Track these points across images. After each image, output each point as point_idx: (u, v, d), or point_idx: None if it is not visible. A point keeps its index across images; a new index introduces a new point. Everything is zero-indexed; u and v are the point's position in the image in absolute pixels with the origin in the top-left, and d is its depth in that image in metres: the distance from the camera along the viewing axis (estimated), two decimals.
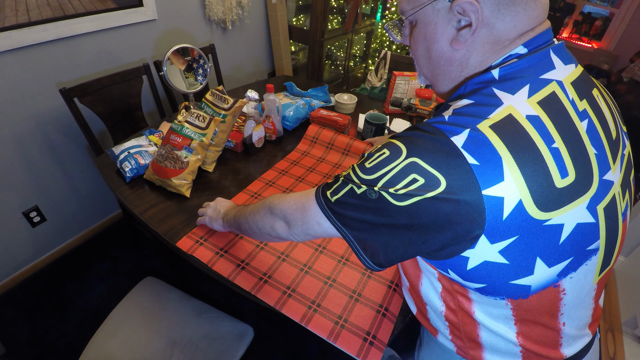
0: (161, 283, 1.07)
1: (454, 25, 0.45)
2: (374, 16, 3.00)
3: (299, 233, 0.58)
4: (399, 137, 0.44)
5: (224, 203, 0.86)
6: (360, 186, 0.45)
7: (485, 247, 0.41)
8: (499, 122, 0.40)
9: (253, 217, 0.67)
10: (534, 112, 0.41)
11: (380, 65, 1.93)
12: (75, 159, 1.55)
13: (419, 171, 0.40)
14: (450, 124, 0.41)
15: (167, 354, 0.89)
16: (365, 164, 0.45)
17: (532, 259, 0.41)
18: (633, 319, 1.47)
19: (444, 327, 0.58)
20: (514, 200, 0.38)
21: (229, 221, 0.77)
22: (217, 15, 1.88)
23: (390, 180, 0.42)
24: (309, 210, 0.53)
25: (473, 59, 0.46)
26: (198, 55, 1.30)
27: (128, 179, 1.01)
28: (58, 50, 1.33)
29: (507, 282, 0.44)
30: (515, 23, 0.43)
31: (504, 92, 0.42)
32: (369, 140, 1.17)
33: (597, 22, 3.58)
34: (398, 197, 0.41)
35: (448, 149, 0.39)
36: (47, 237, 1.59)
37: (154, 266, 1.65)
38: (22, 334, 1.35)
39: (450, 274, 0.48)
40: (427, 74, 0.53)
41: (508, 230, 0.39)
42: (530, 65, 0.43)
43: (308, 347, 1.36)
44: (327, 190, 0.50)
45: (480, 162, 0.38)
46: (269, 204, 0.63)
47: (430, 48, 0.48)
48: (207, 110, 1.09)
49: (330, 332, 0.68)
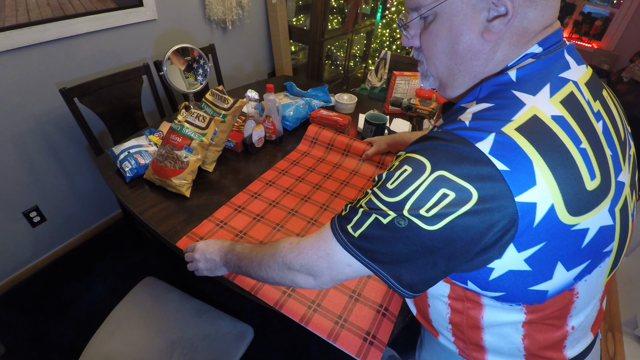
0: (161, 283, 1.07)
1: (485, 15, 0.42)
2: (374, 16, 3.00)
3: (327, 282, 0.52)
4: (418, 151, 0.41)
5: (210, 249, 0.72)
6: (386, 214, 0.41)
7: (512, 256, 0.39)
8: (525, 124, 0.37)
9: (266, 271, 0.59)
10: (558, 112, 0.39)
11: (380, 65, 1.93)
12: (75, 159, 1.55)
13: (448, 185, 0.37)
14: (472, 130, 0.39)
15: (167, 354, 0.89)
16: (387, 186, 0.42)
17: (553, 265, 0.40)
18: (633, 319, 1.47)
19: (446, 329, 0.57)
20: (547, 205, 0.36)
21: (234, 269, 0.69)
22: (217, 15, 1.88)
23: (418, 199, 0.39)
24: (334, 255, 0.48)
25: (499, 53, 0.43)
26: (198, 56, 1.30)
27: (128, 179, 1.01)
28: (58, 50, 1.33)
29: (526, 288, 0.42)
30: (543, 13, 0.41)
31: (524, 94, 0.40)
32: (369, 140, 1.17)
33: (597, 22, 3.58)
34: (429, 220, 0.38)
35: (475, 157, 0.37)
36: (47, 237, 1.59)
37: (154, 266, 1.65)
38: (22, 334, 1.35)
39: (468, 285, 0.46)
40: (444, 73, 0.48)
41: (537, 237, 0.38)
42: (548, 65, 0.42)
43: (308, 347, 1.35)
44: (346, 224, 0.46)
45: (510, 168, 0.36)
46: (282, 259, 0.56)
47: (457, 41, 0.44)
48: (207, 110, 1.09)
49: (330, 332, 0.68)
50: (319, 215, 0.95)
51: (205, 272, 0.74)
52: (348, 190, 1.05)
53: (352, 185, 1.07)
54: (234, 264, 0.67)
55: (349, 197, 1.02)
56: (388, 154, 1.15)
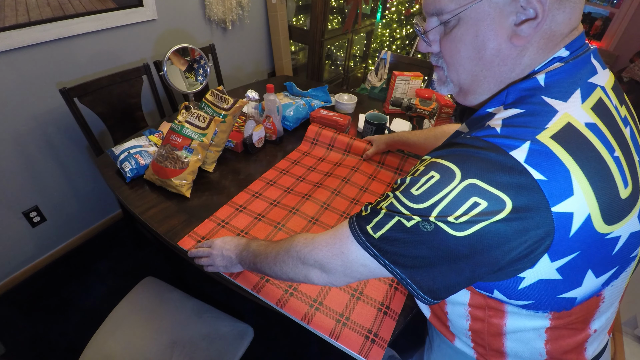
0: (161, 283, 1.07)
1: (513, 19, 0.40)
2: (374, 16, 3.01)
3: (339, 279, 0.52)
4: (445, 157, 0.40)
5: (227, 246, 0.74)
6: (410, 217, 0.40)
7: (544, 265, 0.38)
8: (560, 132, 0.36)
9: (280, 267, 0.59)
10: (591, 119, 0.38)
11: (380, 65, 1.93)
12: (75, 159, 1.55)
13: (480, 193, 0.36)
14: (505, 137, 0.37)
15: (167, 354, 0.89)
16: (412, 191, 0.40)
17: (584, 272, 0.40)
18: (633, 319, 1.47)
19: (465, 335, 0.55)
20: (583, 215, 0.36)
21: (249, 266, 0.70)
22: (217, 15, 1.88)
23: (447, 207, 0.37)
24: (350, 254, 0.47)
25: (527, 57, 0.42)
26: (199, 56, 1.30)
27: (128, 179, 1.01)
28: (58, 50, 1.33)
29: (555, 296, 0.41)
30: (571, 16, 0.40)
31: (555, 100, 0.39)
32: (369, 139, 1.17)
33: (597, 22, 3.58)
34: (458, 226, 0.37)
35: (510, 165, 0.35)
36: (47, 237, 1.59)
37: (154, 266, 1.65)
38: (22, 334, 1.35)
39: (494, 294, 0.45)
40: (466, 79, 0.47)
41: (572, 247, 0.37)
42: (576, 70, 0.41)
43: (308, 347, 1.35)
44: (365, 224, 0.45)
45: (547, 177, 0.35)
46: (297, 253, 0.56)
47: (484, 47, 0.43)
48: (207, 111, 1.09)
49: (332, 330, 0.68)
50: (320, 214, 0.95)
51: (221, 268, 0.75)
52: (348, 189, 1.05)
53: (352, 183, 1.07)
54: (249, 260, 0.68)
55: (349, 195, 1.02)
56: (388, 153, 1.15)
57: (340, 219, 0.94)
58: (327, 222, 0.93)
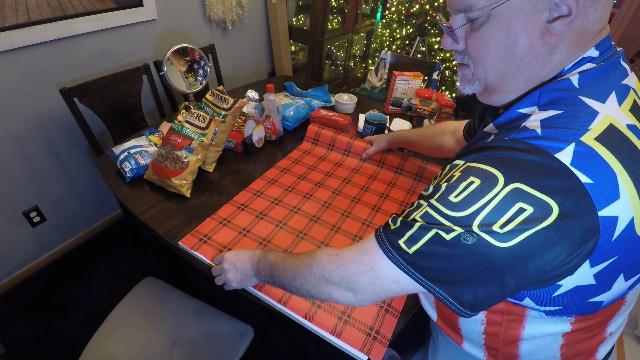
0: (161, 283, 1.07)
1: (545, 16, 0.39)
2: (374, 16, 3.01)
3: (369, 298, 0.48)
4: (483, 161, 0.38)
5: (240, 258, 0.68)
6: (450, 229, 0.37)
7: (584, 271, 0.37)
8: (604, 134, 0.35)
9: (301, 283, 0.55)
10: (631, 121, 0.38)
11: (380, 65, 1.93)
12: (75, 159, 1.55)
13: (525, 199, 0.34)
14: (547, 139, 0.36)
15: (167, 354, 0.89)
16: (450, 198, 0.38)
17: (617, 276, 0.39)
18: (633, 319, 1.47)
19: (478, 338, 0.53)
20: (627, 219, 0.35)
21: (265, 279, 0.65)
22: (217, 15, 1.88)
23: (491, 214, 0.35)
24: (379, 271, 0.44)
25: (557, 55, 0.41)
26: (199, 56, 1.30)
27: (128, 179, 1.01)
28: (58, 50, 1.33)
29: (585, 301, 0.40)
30: (602, 14, 0.40)
31: (594, 100, 0.38)
32: (369, 138, 1.17)
33: None
34: (502, 236, 0.35)
35: (556, 168, 0.34)
36: (47, 237, 1.59)
37: (154, 266, 1.65)
38: (22, 334, 1.35)
39: (524, 301, 0.43)
40: (494, 78, 0.45)
41: (611, 252, 0.36)
42: (610, 72, 0.40)
43: (308, 347, 1.35)
44: (397, 239, 0.42)
45: (594, 180, 0.34)
46: (320, 270, 0.52)
47: (515, 44, 0.41)
48: (207, 111, 1.09)
49: (333, 327, 0.68)
50: (321, 213, 0.95)
51: (234, 283, 0.69)
52: (349, 188, 1.05)
53: (353, 183, 1.08)
54: (265, 273, 0.63)
55: (350, 194, 1.02)
56: (389, 152, 1.15)
57: (342, 217, 0.94)
58: (328, 221, 0.93)
